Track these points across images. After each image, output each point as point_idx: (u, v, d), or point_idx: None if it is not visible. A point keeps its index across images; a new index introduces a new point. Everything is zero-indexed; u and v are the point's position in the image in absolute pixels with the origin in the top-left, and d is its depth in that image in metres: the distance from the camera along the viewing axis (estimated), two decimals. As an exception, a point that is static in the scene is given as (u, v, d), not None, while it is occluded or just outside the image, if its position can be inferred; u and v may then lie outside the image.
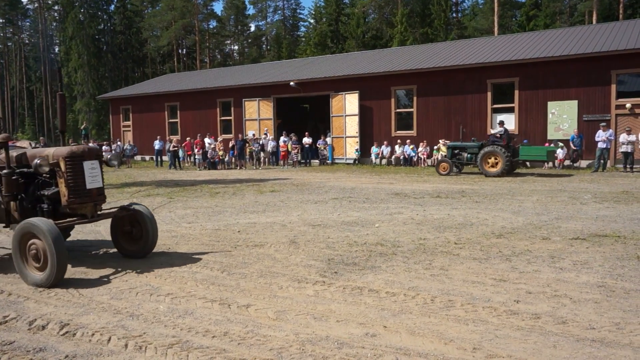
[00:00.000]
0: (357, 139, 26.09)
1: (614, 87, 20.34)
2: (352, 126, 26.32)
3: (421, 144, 24.32)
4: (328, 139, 26.91)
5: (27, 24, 73.87)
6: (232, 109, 30.40)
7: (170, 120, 33.23)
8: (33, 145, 7.31)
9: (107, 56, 62.30)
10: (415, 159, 24.13)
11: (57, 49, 70.73)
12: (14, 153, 5.97)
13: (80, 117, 55.01)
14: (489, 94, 22.90)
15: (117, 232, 6.59)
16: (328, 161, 26.79)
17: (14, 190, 5.83)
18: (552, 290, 4.72)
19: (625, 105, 20.06)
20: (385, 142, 25.12)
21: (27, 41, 73.46)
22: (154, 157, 29.12)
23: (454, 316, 4.10)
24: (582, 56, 20.63)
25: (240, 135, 26.98)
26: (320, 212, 9.92)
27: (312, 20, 65.41)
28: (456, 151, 19.33)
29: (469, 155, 18.88)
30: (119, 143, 31.95)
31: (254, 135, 27.85)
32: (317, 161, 27.12)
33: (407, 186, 14.90)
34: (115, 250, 6.82)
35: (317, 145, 26.93)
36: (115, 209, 6.34)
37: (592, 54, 20.42)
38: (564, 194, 12.31)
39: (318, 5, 61.97)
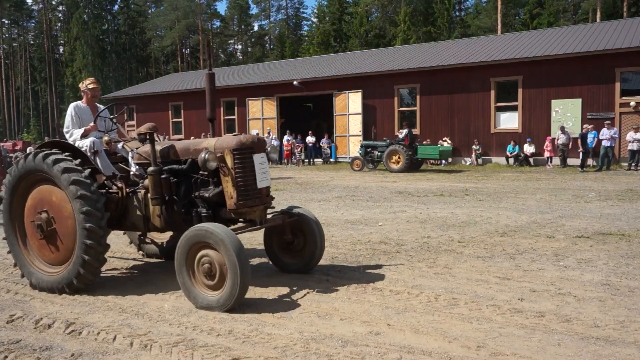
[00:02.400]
0: (361, 138, 26.08)
1: (618, 85, 20.26)
2: (355, 125, 26.31)
3: (425, 142, 24.29)
4: (324, 140, 27.03)
5: (32, 24, 74.12)
6: (236, 108, 30.44)
7: (174, 120, 33.32)
8: (161, 138, 6.49)
9: (111, 56, 62.57)
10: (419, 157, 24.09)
11: (61, 49, 70.97)
12: (158, 147, 5.06)
13: (84, 117, 55.09)
14: (493, 93, 22.85)
15: (274, 241, 5.47)
16: (331, 160, 26.80)
17: (164, 191, 4.88)
18: (556, 289, 4.72)
19: (629, 103, 19.98)
20: (388, 141, 25.11)
21: (32, 42, 73.68)
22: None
23: (458, 314, 4.11)
24: (586, 54, 20.55)
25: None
26: (324, 211, 9.93)
27: (315, 20, 65.43)
28: (369, 149, 21.50)
29: (379, 153, 20.93)
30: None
31: (257, 134, 27.89)
32: (320, 160, 27.13)
33: (410, 184, 14.89)
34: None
35: (321, 144, 26.95)
36: (278, 214, 5.26)
37: (596, 52, 20.34)
38: (568, 192, 12.28)
39: (321, 5, 61.95)
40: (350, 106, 26.37)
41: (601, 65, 20.37)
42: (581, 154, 19.05)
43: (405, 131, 20.27)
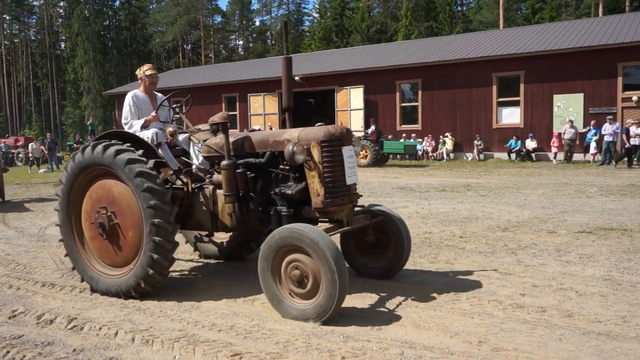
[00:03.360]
0: (362, 134, 26.04)
1: (620, 79, 20.19)
2: (357, 120, 26.27)
3: (426, 137, 24.27)
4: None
5: (34, 20, 74.07)
6: (238, 103, 30.42)
7: (176, 116, 33.29)
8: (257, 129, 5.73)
9: (113, 52, 62.48)
10: (420, 152, 24.08)
11: (63, 45, 70.95)
12: (231, 138, 4.62)
13: (86, 113, 55.20)
14: (494, 88, 22.79)
15: (351, 243, 4.99)
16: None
17: (239, 187, 4.45)
18: (558, 284, 4.71)
19: (631, 98, 19.91)
20: (390, 137, 25.08)
21: (33, 38, 73.65)
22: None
23: (460, 309, 4.11)
24: (588, 49, 20.48)
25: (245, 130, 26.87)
26: (326, 207, 9.91)
27: (316, 15, 65.23)
28: None
29: None
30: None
31: (259, 130, 27.88)
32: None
33: (412, 180, 14.88)
34: None
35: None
36: (360, 214, 4.71)
37: (598, 47, 20.27)
38: (569, 187, 12.25)
39: (322, 0, 61.76)
40: (352, 102, 26.33)
41: (603, 60, 20.29)
42: (625, 149, 18.14)
43: (372, 127, 21.10)
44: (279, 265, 3.92)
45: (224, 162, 4.44)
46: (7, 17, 71.63)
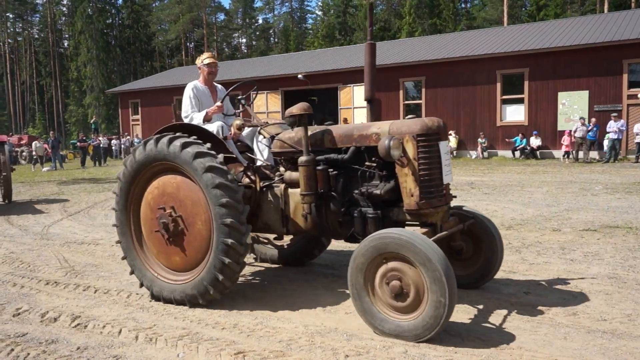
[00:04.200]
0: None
1: (625, 76, 20.09)
2: (360, 118, 26.24)
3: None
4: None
5: (37, 19, 74.27)
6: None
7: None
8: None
9: (116, 50, 62.57)
10: None
11: (66, 44, 71.11)
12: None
13: (89, 112, 55.34)
14: (499, 85, 22.72)
15: None
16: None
17: (319, 186, 4.04)
18: (563, 282, 4.69)
19: (637, 95, 19.81)
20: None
21: (36, 36, 73.85)
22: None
23: (463, 308, 4.09)
24: (593, 46, 20.38)
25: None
26: (329, 205, 9.91)
27: (319, 13, 65.20)
28: None
29: None
30: (128, 137, 32.10)
31: (332, 123, 27.92)
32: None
33: (416, 178, 14.83)
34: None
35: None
36: (450, 216, 4.16)
37: (603, 44, 20.16)
38: (574, 185, 12.20)
39: (326, -3, 61.67)
40: (356, 99, 26.30)
41: (608, 56, 20.19)
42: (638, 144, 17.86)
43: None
44: (373, 274, 3.52)
45: (303, 158, 4.01)
46: (11, 16, 71.82)
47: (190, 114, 4.96)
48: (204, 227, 4.10)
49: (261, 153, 4.85)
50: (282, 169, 4.57)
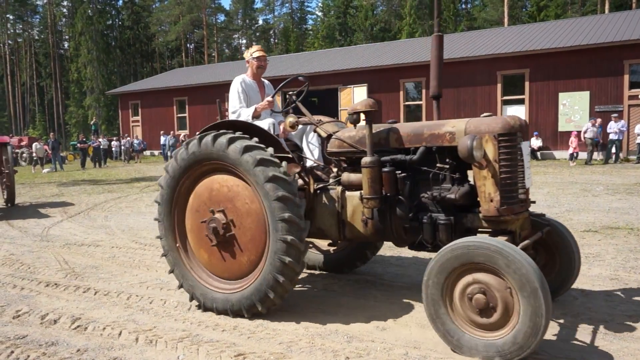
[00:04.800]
0: (366, 132, 26.06)
1: (626, 77, 20.09)
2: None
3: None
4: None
5: (37, 20, 74.36)
6: (241, 103, 30.43)
7: (179, 115, 33.34)
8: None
9: (116, 51, 62.61)
10: None
11: (66, 45, 71.18)
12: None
13: (90, 113, 55.37)
14: (499, 86, 22.72)
15: None
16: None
17: (386, 189, 3.74)
18: (564, 283, 4.68)
19: (638, 95, 19.80)
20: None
21: (37, 37, 73.93)
22: (162, 152, 29.29)
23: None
24: (594, 46, 20.37)
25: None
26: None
27: (320, 13, 65.24)
28: None
29: None
30: (128, 138, 32.12)
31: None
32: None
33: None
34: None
35: (326, 139, 26.96)
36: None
37: (604, 44, 20.16)
38: (575, 186, 12.19)
39: (326, -2, 61.73)
40: (356, 100, 26.28)
41: (609, 57, 20.19)
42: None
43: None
44: (451, 287, 3.20)
45: (368, 159, 3.72)
46: (11, 17, 71.89)
47: (239, 109, 4.66)
48: (258, 229, 3.82)
49: (312, 153, 4.58)
50: (335, 169, 4.35)
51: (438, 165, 3.69)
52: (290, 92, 4.70)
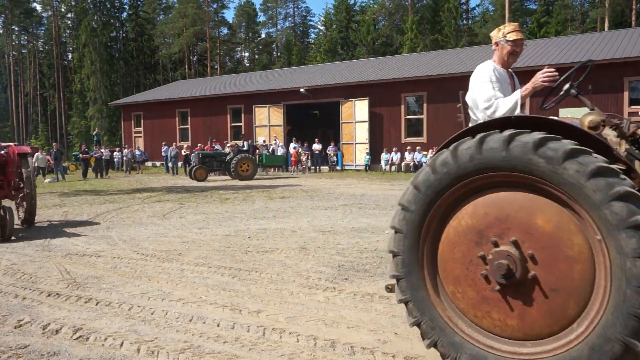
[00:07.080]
0: (367, 146, 26.09)
1: (626, 94, 20.23)
2: (361, 133, 26.36)
3: (431, 150, 24.26)
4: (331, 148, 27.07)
5: (42, 31, 74.95)
6: (243, 115, 30.59)
7: (181, 127, 33.49)
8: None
9: (120, 63, 63.09)
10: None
11: (70, 56, 71.69)
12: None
13: (92, 124, 55.60)
14: (500, 101, 22.82)
15: None
16: (337, 167, 26.82)
17: None
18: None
19: (638, 112, 19.91)
20: (395, 149, 25.12)
21: (41, 49, 74.49)
22: (164, 163, 29.36)
23: (466, 324, 4.07)
24: (594, 63, 20.50)
25: (241, 142, 24.49)
26: (330, 219, 9.92)
27: (322, 27, 65.80)
28: (206, 159, 22.47)
29: (218, 163, 22.51)
30: (129, 149, 32.22)
31: (264, 141, 27.97)
32: (326, 167, 27.18)
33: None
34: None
35: (327, 152, 27.02)
36: None
37: (604, 61, 20.32)
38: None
39: (328, 12, 62.35)
40: (357, 114, 26.43)
41: (610, 74, 20.33)
42: None
43: (246, 143, 22.94)
44: None
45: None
46: (16, 28, 72.55)
47: (494, 100, 3.64)
48: (581, 268, 2.60)
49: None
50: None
51: None
52: (567, 84, 3.67)
